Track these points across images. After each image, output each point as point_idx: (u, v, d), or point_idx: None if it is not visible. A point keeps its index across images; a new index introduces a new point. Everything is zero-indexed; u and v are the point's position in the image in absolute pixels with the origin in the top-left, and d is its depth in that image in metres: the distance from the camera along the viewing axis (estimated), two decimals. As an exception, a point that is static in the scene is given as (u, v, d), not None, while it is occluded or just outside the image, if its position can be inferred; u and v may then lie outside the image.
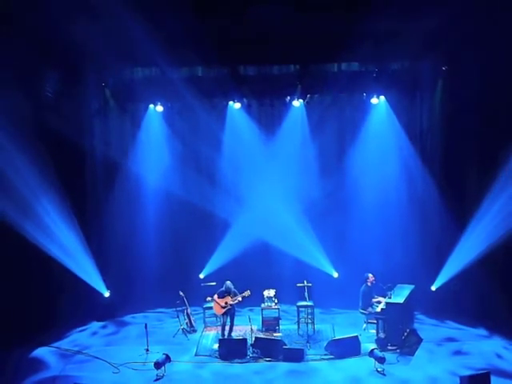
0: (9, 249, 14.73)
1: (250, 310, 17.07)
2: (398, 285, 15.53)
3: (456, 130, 16.38)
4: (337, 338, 14.48)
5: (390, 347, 14.27)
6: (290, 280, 16.77)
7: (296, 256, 17.81)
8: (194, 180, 17.96)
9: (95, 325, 16.83)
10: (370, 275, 15.51)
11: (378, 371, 13.01)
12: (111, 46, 13.78)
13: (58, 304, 16.07)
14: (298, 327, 15.90)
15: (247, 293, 15.11)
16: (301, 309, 16.00)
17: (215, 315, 15.85)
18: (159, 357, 13.37)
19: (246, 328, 15.49)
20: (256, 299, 15.79)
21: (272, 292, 15.91)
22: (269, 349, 14.03)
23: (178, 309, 16.29)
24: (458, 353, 14.11)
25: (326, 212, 18.07)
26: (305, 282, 16.05)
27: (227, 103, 17.71)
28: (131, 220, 18.36)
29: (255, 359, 13.96)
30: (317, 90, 17.23)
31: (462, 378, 12.08)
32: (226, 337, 15.05)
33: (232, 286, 15.23)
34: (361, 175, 17.99)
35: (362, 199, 18.06)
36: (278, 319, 15.81)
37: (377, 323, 14.85)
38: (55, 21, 12.67)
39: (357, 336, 14.25)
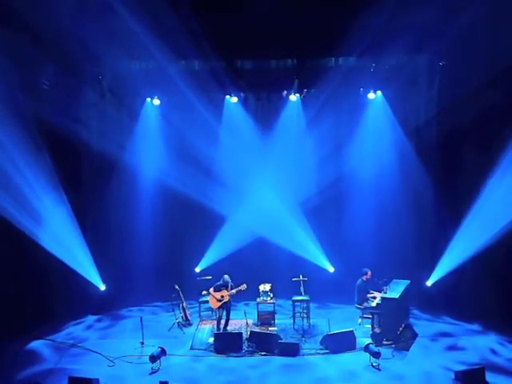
0: (4, 242, 14.71)
1: (246, 304, 17.15)
2: (394, 280, 15.58)
3: (452, 125, 16.36)
4: (332, 332, 14.53)
5: (385, 342, 14.33)
6: (285, 274, 16.78)
7: (292, 250, 17.84)
8: (190, 174, 17.89)
9: (91, 318, 16.89)
10: (369, 272, 15.54)
11: (373, 366, 13.07)
12: (108, 38, 13.73)
13: (54, 297, 16.09)
14: (294, 321, 15.94)
15: (243, 286, 15.17)
16: (296, 303, 16.02)
17: (211, 309, 15.90)
18: (154, 350, 13.42)
19: (241, 322, 15.54)
20: (252, 293, 15.87)
21: (268, 286, 15.96)
22: (264, 343, 14.07)
23: (173, 302, 16.36)
24: (452, 348, 14.20)
25: (322, 206, 18.10)
26: (300, 276, 16.06)
27: (224, 97, 17.68)
28: (127, 213, 18.31)
29: (250, 353, 14.02)
30: (313, 85, 17.13)
31: (456, 373, 12.16)
32: (221, 331, 15.09)
33: (229, 280, 15.28)
34: (357, 170, 18.00)
35: (357, 194, 18.09)
36: (273, 313, 15.87)
37: (372, 318, 14.89)
38: (53, 13, 12.61)
39: (352, 331, 14.30)
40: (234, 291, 15.15)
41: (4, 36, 13.25)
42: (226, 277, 15.33)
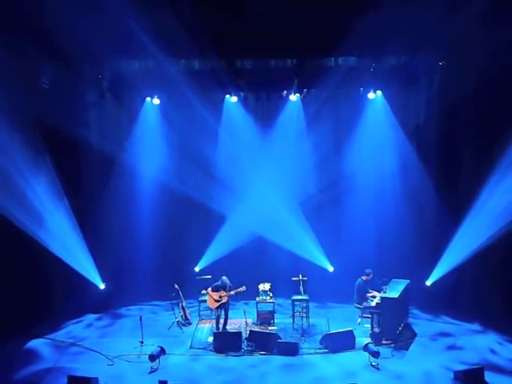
0: (4, 241, 14.72)
1: (245, 303, 17.13)
2: (393, 279, 15.57)
3: (452, 124, 16.41)
4: (331, 332, 14.53)
5: (384, 341, 14.32)
6: (285, 274, 16.79)
7: (291, 250, 17.82)
8: (190, 173, 17.92)
9: (90, 317, 16.88)
10: (371, 274, 15.54)
11: (372, 365, 13.06)
12: (108, 37, 13.72)
13: (54, 296, 16.14)
14: (293, 321, 15.93)
15: (242, 288, 15.16)
16: (296, 302, 16.01)
17: (210, 308, 15.85)
18: (154, 349, 13.42)
19: (240, 321, 15.55)
20: (251, 293, 15.82)
21: (267, 285, 15.95)
22: (263, 342, 14.06)
23: (173, 301, 16.38)
24: (452, 347, 14.18)
25: (321, 206, 18.15)
26: (300, 275, 16.04)
27: (224, 96, 17.67)
28: (127, 212, 18.33)
29: (250, 352, 14.01)
30: (313, 85, 17.11)
31: (456, 373, 12.17)
32: (220, 330, 15.08)
33: (228, 281, 15.25)
34: (357, 170, 18.00)
35: (357, 194, 18.07)
36: (272, 313, 15.85)
37: (372, 317, 14.90)
38: (52, 12, 12.62)
39: (351, 330, 14.30)
40: (233, 292, 15.15)
41: (4, 36, 13.25)
42: (225, 278, 15.30)
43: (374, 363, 13.08)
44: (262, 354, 13.90)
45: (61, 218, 16.35)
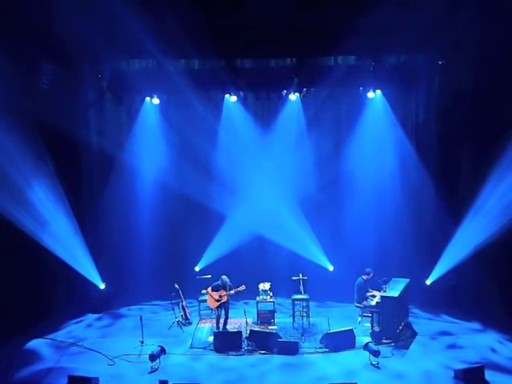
0: (4, 240, 14.71)
1: (245, 302, 17.14)
2: (393, 278, 15.59)
3: (452, 123, 16.40)
4: (332, 331, 14.52)
5: (384, 341, 14.32)
6: (285, 273, 16.81)
7: (291, 249, 17.84)
8: (189, 173, 17.87)
9: (90, 317, 16.88)
10: (372, 273, 15.56)
11: (372, 364, 13.05)
12: (107, 37, 13.74)
13: (54, 296, 16.12)
14: (293, 320, 15.93)
15: (242, 287, 15.16)
16: (296, 302, 16.02)
17: (210, 308, 15.86)
18: (154, 349, 13.42)
19: (241, 321, 15.55)
20: (251, 292, 15.84)
21: (267, 285, 15.95)
22: (264, 342, 14.06)
23: (173, 301, 16.36)
24: (452, 346, 14.16)
25: (321, 205, 18.14)
26: (300, 275, 16.05)
27: (223, 96, 17.64)
28: (127, 212, 18.36)
29: (250, 352, 14.00)
30: (313, 84, 17.13)
31: (456, 372, 12.19)
32: (220, 329, 15.09)
33: (228, 280, 15.26)
34: (356, 169, 18.00)
35: (357, 193, 18.07)
36: (273, 312, 15.84)
37: (372, 317, 14.89)
38: (51, 12, 12.63)
39: (352, 329, 14.30)
40: (232, 292, 15.16)
41: (4, 36, 13.25)
42: (225, 277, 15.31)
43: (374, 362, 13.09)
44: (262, 354, 13.90)
45: (61, 218, 16.32)
